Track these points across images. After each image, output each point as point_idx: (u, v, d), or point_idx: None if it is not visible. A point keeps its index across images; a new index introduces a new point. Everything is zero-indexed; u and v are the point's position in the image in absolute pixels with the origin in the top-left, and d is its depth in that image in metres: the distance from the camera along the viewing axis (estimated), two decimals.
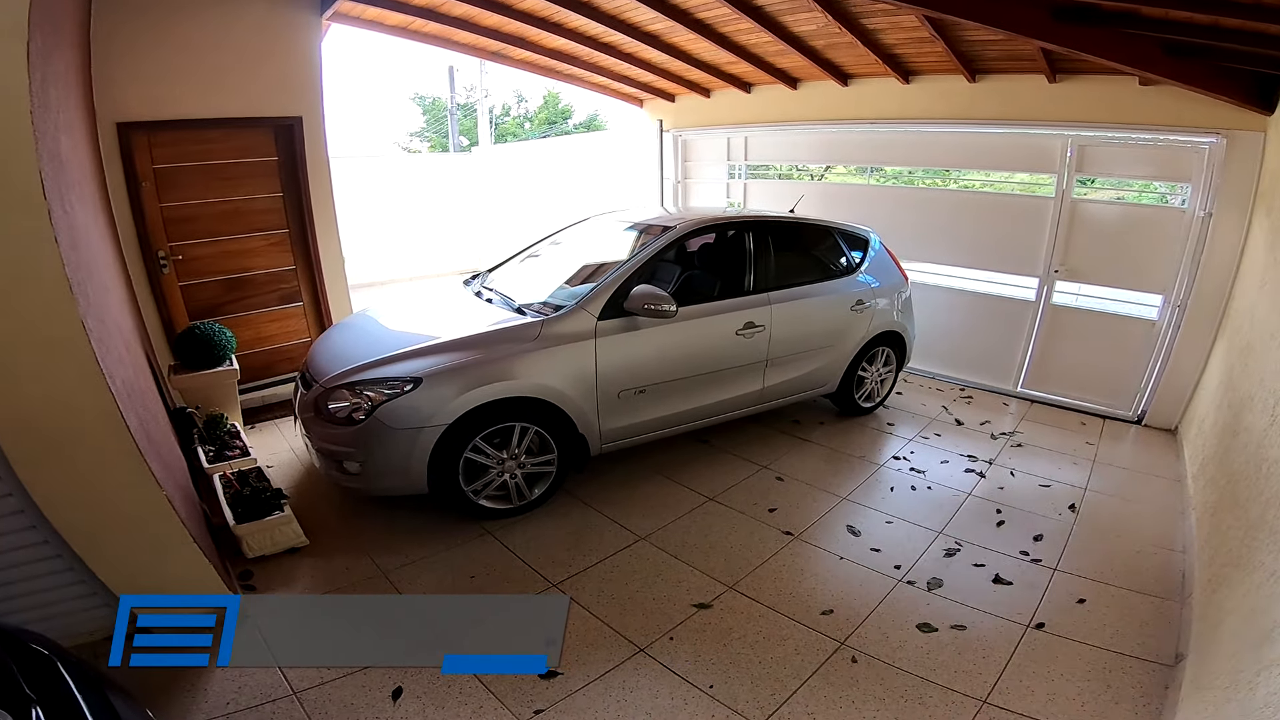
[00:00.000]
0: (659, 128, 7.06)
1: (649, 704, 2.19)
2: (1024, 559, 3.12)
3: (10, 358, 1.80)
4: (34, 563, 2.08)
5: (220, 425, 3.51)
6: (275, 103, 4.25)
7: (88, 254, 2.27)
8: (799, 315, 4.05)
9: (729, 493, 3.63)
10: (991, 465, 4.10)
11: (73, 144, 2.49)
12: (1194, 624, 2.49)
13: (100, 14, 3.47)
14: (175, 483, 2.63)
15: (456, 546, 3.05)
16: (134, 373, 2.63)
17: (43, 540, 2.07)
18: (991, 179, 5.40)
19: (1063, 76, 4.50)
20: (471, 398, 2.94)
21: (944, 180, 5.94)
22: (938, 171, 5.88)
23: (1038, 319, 5.12)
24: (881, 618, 2.67)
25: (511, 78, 25.19)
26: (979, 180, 5.44)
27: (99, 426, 1.98)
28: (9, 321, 1.76)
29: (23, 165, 1.67)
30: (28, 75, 1.64)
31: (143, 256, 3.97)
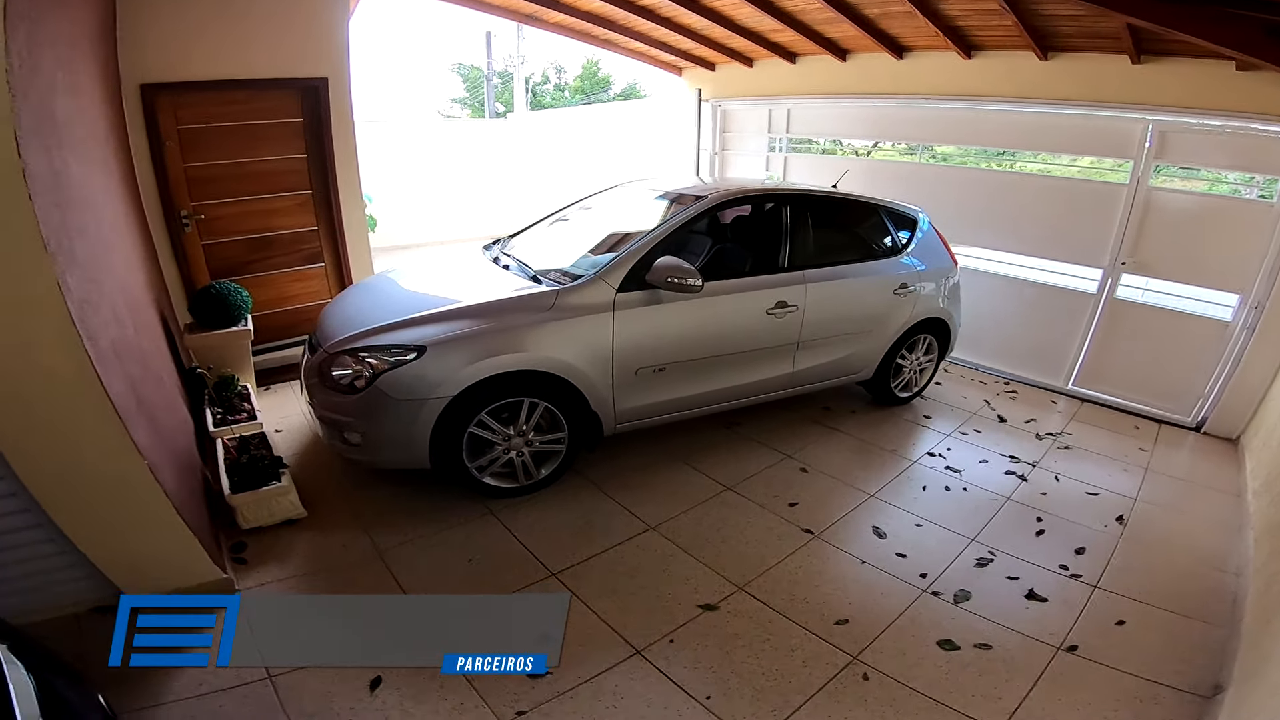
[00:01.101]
0: (698, 97, 6.77)
1: (639, 712, 2.06)
2: (1062, 573, 2.88)
3: None
4: (13, 532, 2.03)
5: (230, 387, 3.46)
6: (301, 64, 4.14)
7: (80, 213, 2.19)
8: (836, 296, 3.79)
9: (749, 482, 3.44)
10: (1035, 468, 3.82)
11: (79, 105, 2.42)
12: (1240, 654, 2.28)
13: None
14: (170, 448, 2.57)
15: (458, 526, 2.94)
16: (133, 332, 2.56)
17: (23, 509, 2.01)
18: (1057, 162, 4.98)
19: (1148, 57, 4.10)
20: (478, 369, 2.79)
21: (1002, 162, 5.52)
22: (995, 153, 5.47)
23: (1097, 313, 4.75)
24: (901, 631, 2.48)
25: (549, 46, 24.98)
26: (1041, 163, 5.02)
27: (75, 389, 1.89)
28: None
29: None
30: (4, 32, 1.54)
31: (165, 216, 3.93)
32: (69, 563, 2.17)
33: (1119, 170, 4.55)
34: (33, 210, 1.71)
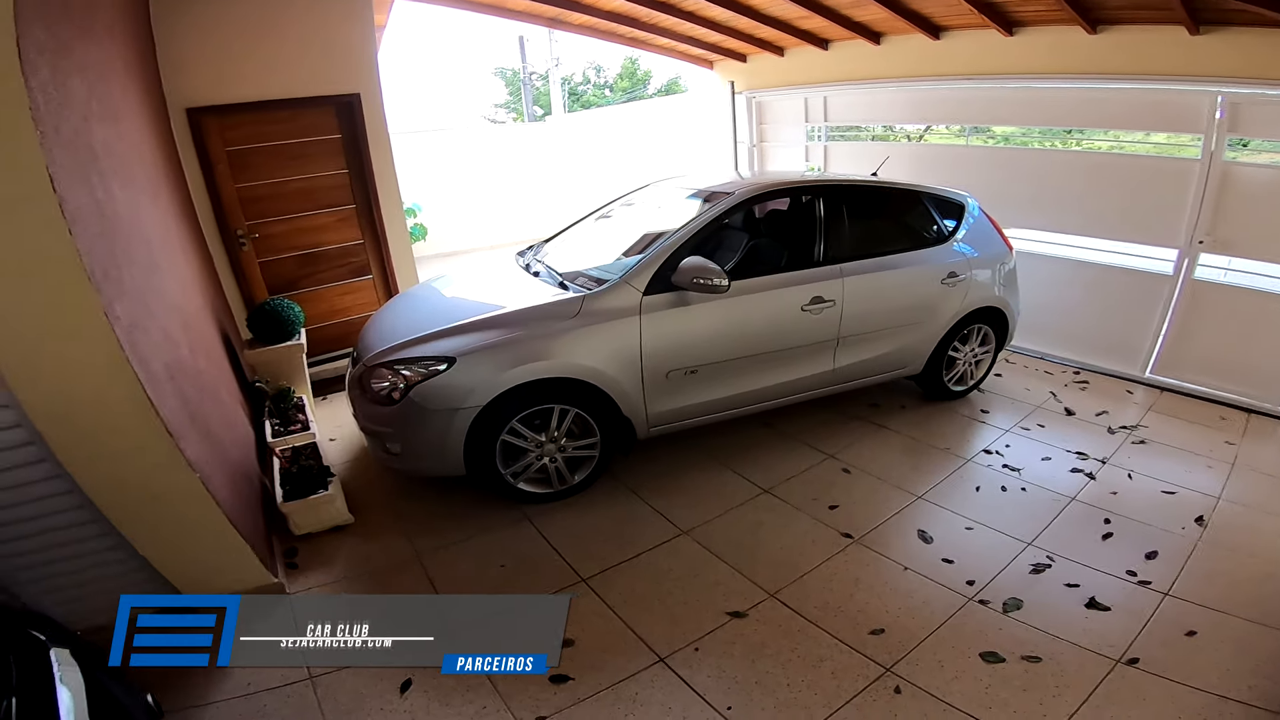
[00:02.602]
0: (730, 90, 6.66)
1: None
2: (1129, 580, 2.67)
3: (34, 348, 1.86)
4: (81, 541, 2.20)
5: (287, 399, 3.64)
6: (334, 81, 4.29)
7: (128, 240, 2.33)
8: (876, 289, 3.64)
9: (788, 484, 3.36)
10: (1105, 465, 3.55)
11: (119, 132, 2.55)
12: None
13: None
14: (226, 460, 2.73)
15: (493, 531, 3.01)
16: (188, 352, 2.72)
17: (91, 520, 2.16)
18: (1119, 139, 4.63)
19: (1207, 28, 3.79)
20: (507, 378, 2.84)
21: (1057, 141, 5.16)
22: (1051, 132, 5.13)
23: (1175, 295, 4.38)
24: (941, 642, 2.36)
25: (586, 47, 24.98)
26: (1101, 140, 4.67)
27: (127, 411, 2.03)
28: (25, 313, 1.81)
29: (20, 161, 1.68)
30: (21, 71, 1.64)
31: (221, 236, 4.17)
32: (131, 568, 2.31)
33: (1189, 146, 4.21)
34: (73, 243, 1.81)
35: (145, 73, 3.41)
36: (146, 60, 3.51)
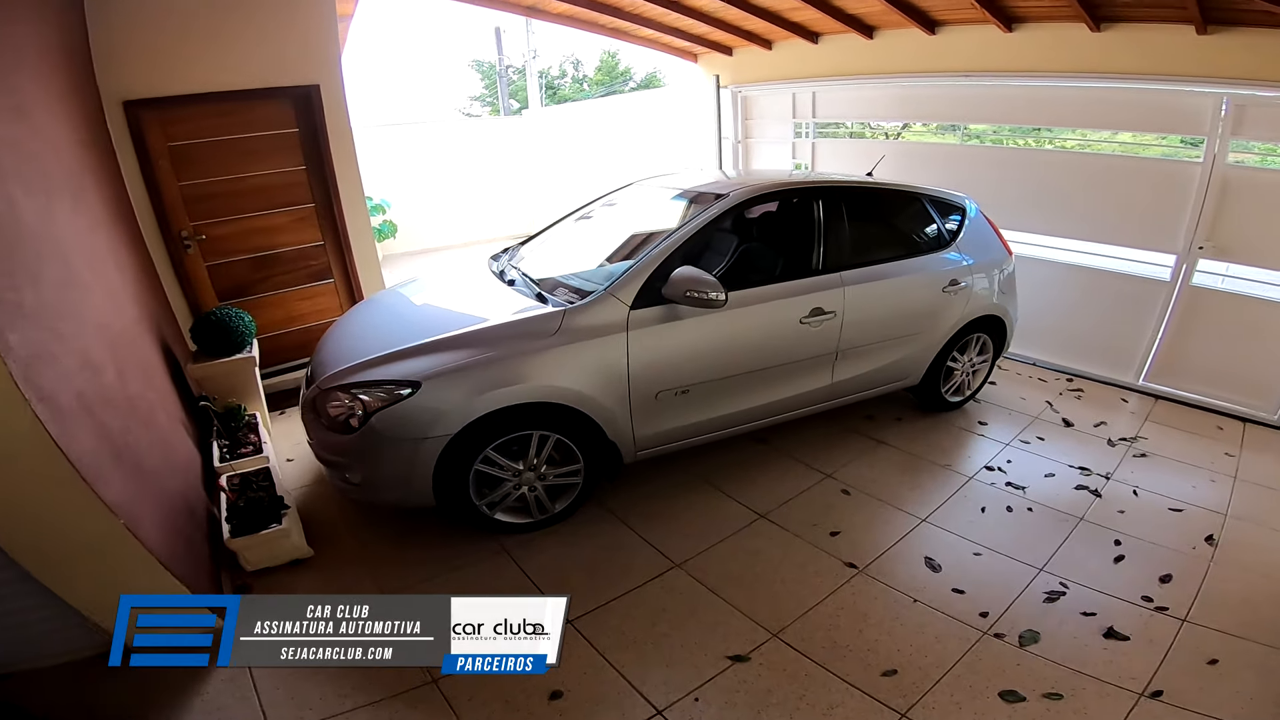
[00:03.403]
0: (715, 84, 6.45)
1: None
2: (1146, 606, 2.55)
3: None
4: None
5: (237, 417, 3.32)
6: (290, 71, 3.96)
7: (34, 255, 2.02)
8: (878, 299, 3.45)
9: (785, 509, 3.15)
10: (1109, 480, 3.43)
11: (29, 130, 2.25)
12: None
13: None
14: (162, 495, 2.44)
15: (467, 567, 2.73)
16: (115, 376, 2.40)
17: (5, 566, 1.91)
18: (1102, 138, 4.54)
19: (1215, 27, 3.69)
20: (479, 405, 2.55)
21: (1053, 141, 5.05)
22: (1047, 131, 5.01)
23: (1172, 302, 4.29)
24: (958, 681, 2.19)
25: (565, 39, 24.75)
26: (1102, 142, 4.58)
27: (29, 452, 1.74)
28: None
29: None
30: None
31: (164, 238, 3.81)
32: (58, 613, 2.08)
33: (1190, 148, 4.13)
34: None
35: (72, 63, 3.07)
36: (75, 50, 3.17)
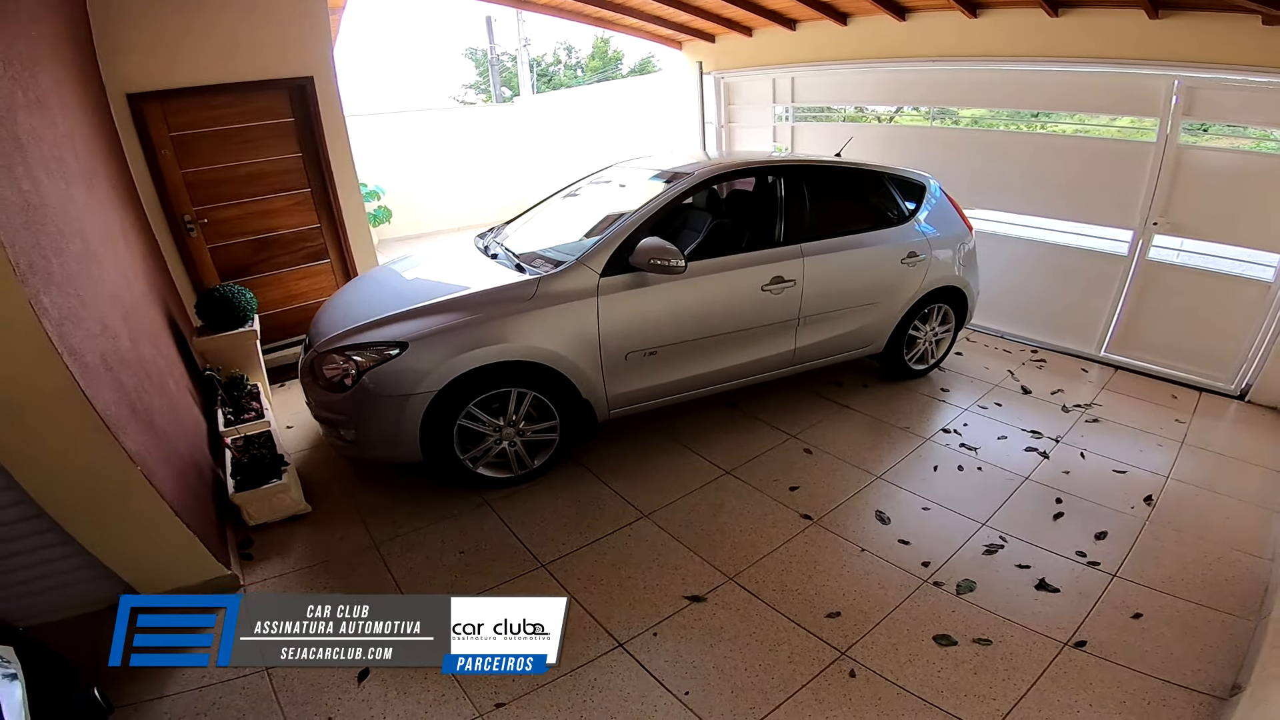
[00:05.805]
0: (698, 70, 6.61)
1: (615, 706, 2.06)
2: (1079, 561, 2.72)
3: None
4: (23, 538, 2.16)
5: (240, 387, 3.55)
6: (286, 64, 4.16)
7: (58, 231, 2.24)
8: (837, 269, 3.66)
9: (749, 466, 3.38)
10: (1058, 444, 3.62)
11: (48, 120, 2.45)
12: (1263, 651, 2.09)
13: None
14: (172, 452, 2.66)
15: (453, 517, 2.97)
16: (129, 342, 2.63)
17: (31, 516, 2.12)
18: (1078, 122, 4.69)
19: (1166, 12, 3.83)
20: (461, 363, 2.79)
21: (1020, 123, 5.22)
22: (1013, 114, 5.17)
23: (1130, 275, 4.47)
24: (895, 625, 2.39)
25: (557, 27, 24.63)
26: (1061, 123, 4.73)
27: (60, 404, 1.97)
28: None
29: None
30: None
31: (168, 222, 4.04)
32: (79, 564, 2.28)
33: (1145, 129, 4.26)
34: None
35: (79, 59, 3.26)
36: (81, 45, 3.36)
